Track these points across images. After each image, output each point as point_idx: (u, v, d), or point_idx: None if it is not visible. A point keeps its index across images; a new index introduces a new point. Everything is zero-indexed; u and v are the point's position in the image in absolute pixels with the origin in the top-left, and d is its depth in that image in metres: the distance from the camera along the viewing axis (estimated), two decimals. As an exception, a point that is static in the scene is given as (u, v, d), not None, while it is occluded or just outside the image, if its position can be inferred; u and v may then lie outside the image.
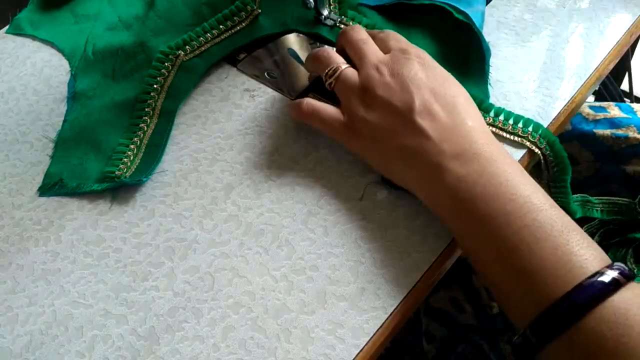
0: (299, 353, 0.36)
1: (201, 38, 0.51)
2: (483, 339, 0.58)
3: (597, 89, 0.56)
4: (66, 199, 0.45)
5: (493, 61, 0.50)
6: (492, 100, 0.47)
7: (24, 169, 0.47)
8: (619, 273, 0.32)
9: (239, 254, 0.41)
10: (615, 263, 0.33)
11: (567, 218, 0.35)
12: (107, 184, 0.44)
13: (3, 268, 0.41)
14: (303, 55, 0.52)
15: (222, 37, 0.51)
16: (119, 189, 0.45)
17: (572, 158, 0.61)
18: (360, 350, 0.36)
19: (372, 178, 0.44)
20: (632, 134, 0.58)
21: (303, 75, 0.51)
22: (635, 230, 0.49)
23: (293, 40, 0.53)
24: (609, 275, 0.32)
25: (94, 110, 0.49)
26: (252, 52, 0.53)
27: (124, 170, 0.45)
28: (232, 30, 0.52)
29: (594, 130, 0.60)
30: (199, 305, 0.39)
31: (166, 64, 0.49)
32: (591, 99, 1.09)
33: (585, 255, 0.33)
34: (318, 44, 0.53)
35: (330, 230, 0.41)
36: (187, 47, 0.50)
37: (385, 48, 0.44)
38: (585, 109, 0.62)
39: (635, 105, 0.62)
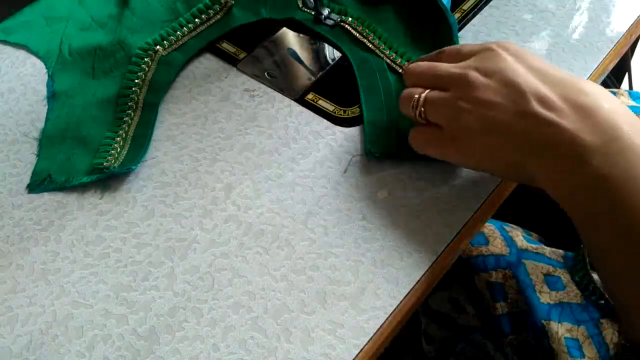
0: (299, 353, 0.36)
1: (178, 32, 0.52)
2: (487, 339, 0.58)
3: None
4: (66, 199, 0.45)
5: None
6: (492, 100, 0.47)
7: (24, 169, 0.47)
8: None
9: (239, 254, 0.41)
10: None
11: None
12: (97, 175, 0.45)
13: (3, 268, 0.41)
14: (303, 55, 0.52)
15: (199, 30, 0.53)
16: (118, 189, 0.45)
17: None
18: (360, 350, 0.36)
19: (371, 179, 0.44)
20: None
21: (303, 75, 0.51)
22: None
23: (293, 41, 0.53)
24: None
25: (76, 108, 0.50)
26: (252, 52, 0.53)
27: (112, 162, 0.45)
28: (208, 23, 0.53)
29: None
30: (199, 305, 0.39)
31: (146, 59, 0.51)
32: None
33: None
34: (318, 43, 0.53)
35: (330, 230, 0.41)
36: (165, 42, 0.52)
37: (457, 59, 0.39)
38: None
39: (639, 89, 0.62)
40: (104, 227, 0.43)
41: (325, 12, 0.52)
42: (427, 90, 0.39)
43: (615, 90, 0.63)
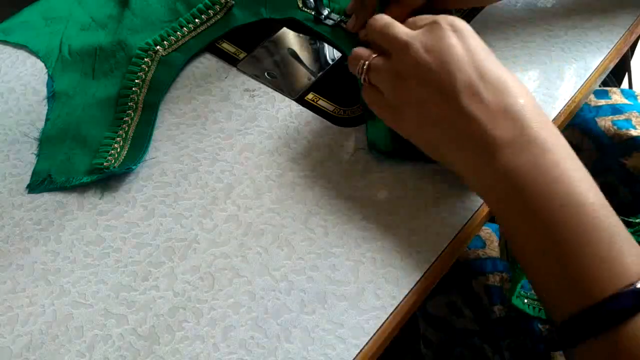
0: (299, 353, 0.36)
1: (178, 33, 0.53)
2: (485, 342, 0.58)
3: (597, 88, 0.56)
4: (66, 199, 0.45)
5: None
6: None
7: (24, 169, 0.47)
8: None
9: (239, 254, 0.41)
10: None
11: (616, 218, 0.34)
12: (97, 175, 0.45)
13: (3, 268, 0.41)
14: (303, 55, 0.52)
15: (199, 30, 0.53)
16: (118, 189, 0.45)
17: (574, 146, 0.61)
18: (360, 350, 0.36)
19: (371, 179, 0.44)
20: (635, 119, 0.58)
21: (303, 75, 0.51)
22: None
23: (293, 41, 0.53)
24: None
25: (76, 108, 0.50)
26: (252, 52, 0.53)
27: (112, 162, 0.45)
28: (208, 23, 0.53)
29: (596, 119, 0.59)
30: (199, 305, 0.39)
31: (146, 59, 0.51)
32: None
33: (628, 264, 0.32)
34: (318, 43, 0.53)
35: (330, 230, 0.41)
36: (165, 42, 0.52)
37: (415, 27, 0.40)
38: None
39: (638, 91, 0.62)
40: (104, 227, 0.43)
41: (325, 12, 0.52)
42: (373, 56, 0.41)
43: (608, 88, 0.63)
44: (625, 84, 1.10)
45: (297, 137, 0.47)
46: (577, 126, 0.60)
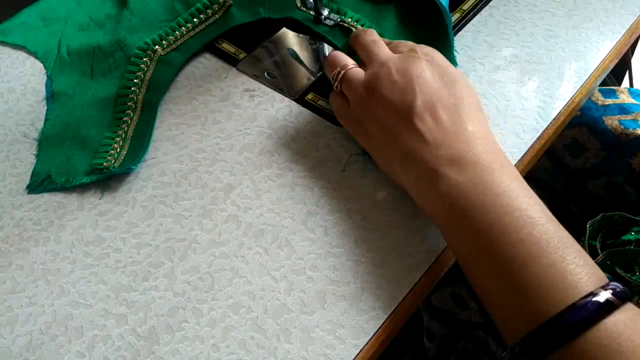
0: (299, 353, 0.36)
1: (177, 32, 0.53)
2: (490, 335, 0.58)
3: (597, 88, 0.56)
4: (66, 199, 0.45)
5: (493, 61, 0.50)
6: (492, 100, 0.47)
7: (24, 169, 0.47)
8: (612, 294, 0.31)
9: (239, 254, 0.41)
10: (611, 282, 0.32)
11: (564, 233, 0.34)
12: (97, 175, 0.45)
13: (3, 268, 0.41)
14: (303, 55, 0.52)
15: (197, 29, 0.53)
16: (118, 189, 0.45)
17: (580, 144, 0.61)
18: (360, 350, 0.36)
19: (371, 179, 0.44)
20: None
21: (303, 75, 0.51)
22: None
23: (293, 41, 0.53)
24: (602, 297, 0.30)
25: (75, 108, 0.50)
26: (252, 52, 0.53)
27: (112, 162, 0.45)
28: (206, 23, 0.53)
29: (603, 118, 0.59)
30: (199, 305, 0.39)
31: (144, 59, 0.51)
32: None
33: (581, 274, 0.32)
34: (318, 43, 0.53)
35: (330, 230, 0.41)
36: (163, 42, 0.52)
37: (396, 51, 0.43)
38: (595, 93, 0.61)
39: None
40: (104, 227, 0.43)
41: (325, 12, 0.52)
42: (350, 67, 0.43)
43: (615, 88, 0.63)
44: (625, 84, 1.10)
45: (297, 137, 0.47)
46: (585, 124, 0.60)
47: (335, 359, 0.36)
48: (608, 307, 0.30)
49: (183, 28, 0.53)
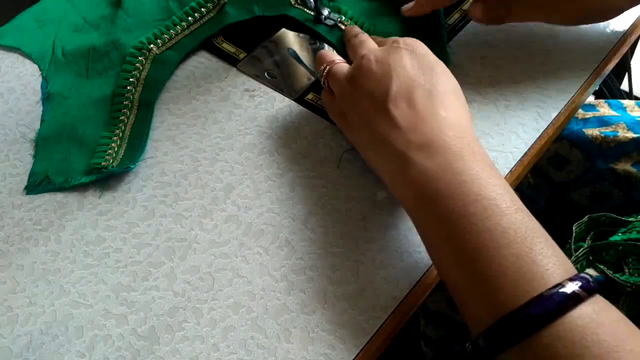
0: (299, 353, 0.36)
1: (171, 31, 0.53)
2: None
3: (597, 88, 0.56)
4: (66, 199, 0.45)
5: (493, 61, 0.50)
6: (492, 100, 0.47)
7: (24, 169, 0.47)
8: (580, 287, 0.30)
9: (239, 254, 0.41)
10: (581, 274, 0.31)
11: (533, 223, 0.33)
12: (95, 175, 0.45)
13: (3, 268, 0.41)
14: (303, 55, 0.52)
15: (192, 28, 0.53)
16: (118, 189, 0.45)
17: (562, 157, 0.61)
18: (360, 350, 0.36)
19: (371, 179, 0.44)
20: (621, 131, 0.58)
21: (303, 75, 0.51)
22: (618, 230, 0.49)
23: (293, 40, 0.53)
24: (569, 289, 0.30)
25: (71, 108, 0.50)
26: (252, 52, 0.53)
27: (110, 161, 0.45)
28: (201, 21, 0.54)
29: (583, 130, 0.60)
30: (199, 305, 0.39)
31: (140, 58, 0.51)
32: (591, 98, 1.09)
33: (548, 265, 0.31)
34: (318, 43, 0.53)
35: (330, 230, 0.41)
36: (158, 40, 0.52)
37: (382, 44, 0.44)
38: None
39: (625, 102, 0.62)
40: (104, 227, 0.43)
41: (326, 12, 0.52)
42: (335, 62, 0.44)
43: (595, 102, 0.63)
44: (625, 85, 1.10)
45: (297, 137, 0.47)
46: (566, 138, 0.60)
47: (335, 359, 0.36)
48: (574, 300, 0.29)
49: (178, 27, 0.53)
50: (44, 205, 0.45)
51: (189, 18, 0.54)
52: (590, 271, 0.49)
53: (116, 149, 0.46)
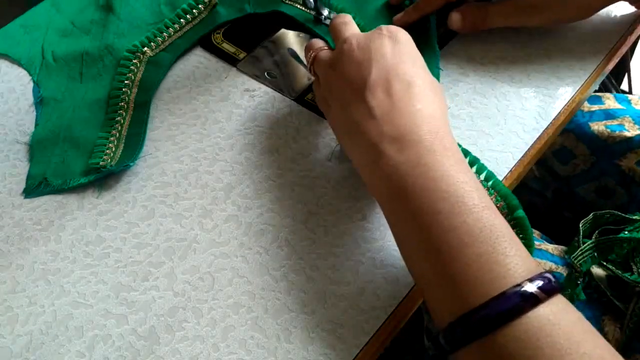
0: (299, 353, 0.36)
1: (164, 34, 0.53)
2: None
3: (597, 88, 0.55)
4: (66, 199, 0.45)
5: (493, 61, 0.50)
6: (492, 100, 0.48)
7: (24, 169, 0.47)
8: (539, 287, 0.30)
9: (239, 253, 0.41)
10: (543, 274, 0.31)
11: (499, 221, 0.33)
12: (94, 175, 0.45)
13: (3, 268, 0.41)
14: (303, 55, 0.52)
15: (185, 29, 0.54)
16: (118, 189, 0.45)
17: (568, 151, 0.61)
18: (360, 350, 0.36)
19: (372, 178, 0.44)
20: (627, 124, 0.58)
21: (303, 75, 0.51)
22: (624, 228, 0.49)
23: (293, 40, 0.53)
24: (527, 290, 0.30)
25: (66, 111, 0.50)
26: (252, 52, 0.53)
27: (108, 161, 0.45)
28: (193, 22, 0.54)
29: (590, 124, 0.60)
30: (199, 305, 0.39)
31: (134, 60, 0.51)
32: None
33: (509, 265, 0.31)
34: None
35: (330, 230, 0.41)
36: (152, 43, 0.52)
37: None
38: None
39: (630, 96, 0.63)
40: (104, 227, 0.43)
41: (326, 12, 0.52)
42: (322, 49, 0.44)
43: (601, 94, 0.63)
44: (625, 85, 1.10)
45: (297, 137, 0.47)
46: (572, 131, 0.60)
47: (335, 358, 0.36)
48: (531, 301, 0.30)
49: (170, 29, 0.54)
50: (44, 205, 0.45)
51: (181, 20, 0.54)
52: (595, 269, 0.49)
53: (114, 148, 0.47)
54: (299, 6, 0.54)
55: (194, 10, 0.54)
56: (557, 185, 0.63)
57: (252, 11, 0.54)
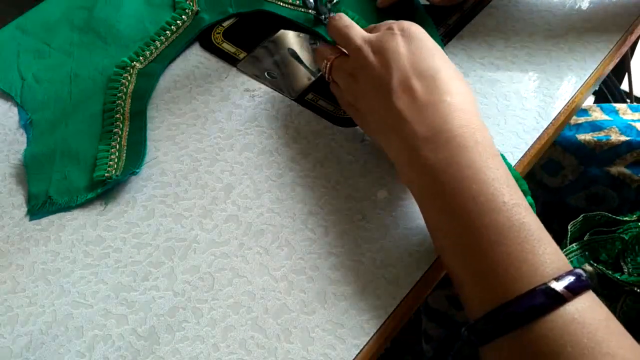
0: (299, 353, 0.36)
1: (151, 47, 0.54)
2: None
3: (597, 88, 0.55)
4: (66, 199, 0.45)
5: (493, 61, 0.50)
6: (492, 100, 0.48)
7: (24, 169, 0.47)
8: (565, 286, 0.31)
9: (239, 254, 0.41)
10: (571, 272, 0.32)
11: (529, 218, 0.33)
12: (100, 188, 0.44)
13: (3, 268, 0.41)
14: (303, 55, 0.52)
15: (171, 39, 0.54)
16: (118, 189, 0.45)
17: (556, 163, 0.61)
18: (360, 350, 0.36)
19: (371, 179, 0.44)
20: (614, 135, 0.58)
21: (303, 75, 0.51)
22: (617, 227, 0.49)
23: (293, 40, 0.53)
24: (554, 288, 0.31)
25: (58, 126, 0.49)
26: (252, 52, 0.53)
27: (112, 172, 0.45)
28: (178, 32, 0.55)
29: (576, 135, 0.60)
30: (199, 305, 0.39)
31: (124, 75, 0.51)
32: (591, 99, 1.10)
33: (537, 264, 0.32)
34: (318, 43, 0.53)
35: (330, 230, 0.41)
36: (140, 57, 0.53)
37: (375, 31, 0.43)
38: None
39: (618, 105, 0.62)
40: (104, 227, 0.43)
41: (326, 12, 0.52)
42: (335, 57, 0.44)
43: (587, 107, 0.63)
44: (625, 85, 1.10)
45: (297, 137, 0.47)
46: (559, 144, 0.60)
47: (335, 358, 0.36)
48: (557, 299, 0.30)
49: (157, 42, 0.54)
50: (44, 205, 0.45)
51: (167, 32, 0.54)
52: (587, 267, 0.49)
53: (116, 159, 0.46)
54: (281, 4, 0.55)
55: (178, 22, 0.55)
56: (547, 198, 0.64)
57: (235, 11, 0.55)
